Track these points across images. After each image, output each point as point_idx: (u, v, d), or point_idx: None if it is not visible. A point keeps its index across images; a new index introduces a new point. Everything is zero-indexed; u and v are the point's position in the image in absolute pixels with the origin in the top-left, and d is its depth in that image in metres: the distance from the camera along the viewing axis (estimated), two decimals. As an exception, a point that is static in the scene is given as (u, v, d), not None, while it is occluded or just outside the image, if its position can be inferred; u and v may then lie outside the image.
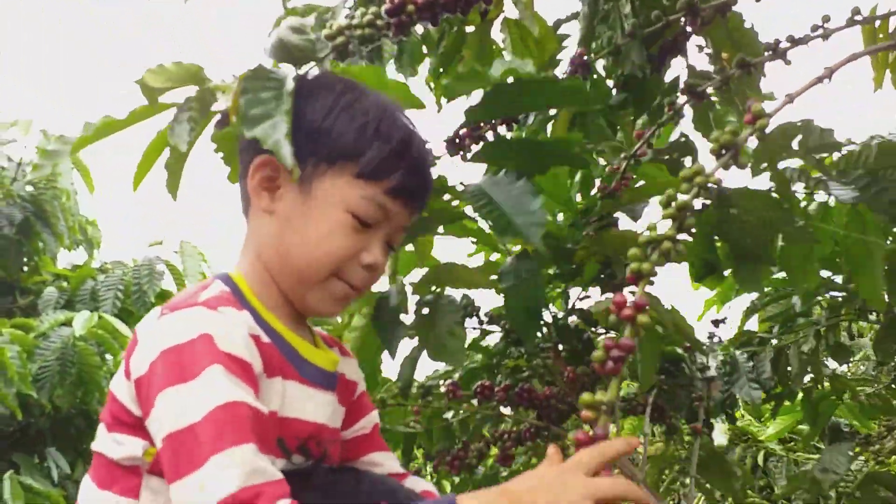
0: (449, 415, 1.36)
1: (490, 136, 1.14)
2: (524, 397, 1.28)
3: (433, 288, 1.13)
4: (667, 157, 1.16)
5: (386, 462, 0.87)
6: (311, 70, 0.86)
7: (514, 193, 0.87)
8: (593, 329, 1.32)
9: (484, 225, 1.08)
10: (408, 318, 1.10)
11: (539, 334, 1.27)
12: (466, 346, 1.36)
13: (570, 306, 1.34)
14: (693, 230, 0.71)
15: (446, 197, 1.00)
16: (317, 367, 0.75)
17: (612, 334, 0.68)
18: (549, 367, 1.31)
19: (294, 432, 0.71)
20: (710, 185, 0.72)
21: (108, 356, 2.14)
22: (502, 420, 1.34)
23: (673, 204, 0.72)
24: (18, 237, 2.30)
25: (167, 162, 0.91)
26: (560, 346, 1.29)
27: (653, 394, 1.36)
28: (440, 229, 1.09)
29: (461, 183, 0.97)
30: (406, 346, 1.20)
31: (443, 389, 1.33)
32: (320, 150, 0.73)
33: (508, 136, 1.16)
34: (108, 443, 0.68)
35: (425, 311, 1.09)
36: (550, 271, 1.23)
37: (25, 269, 2.60)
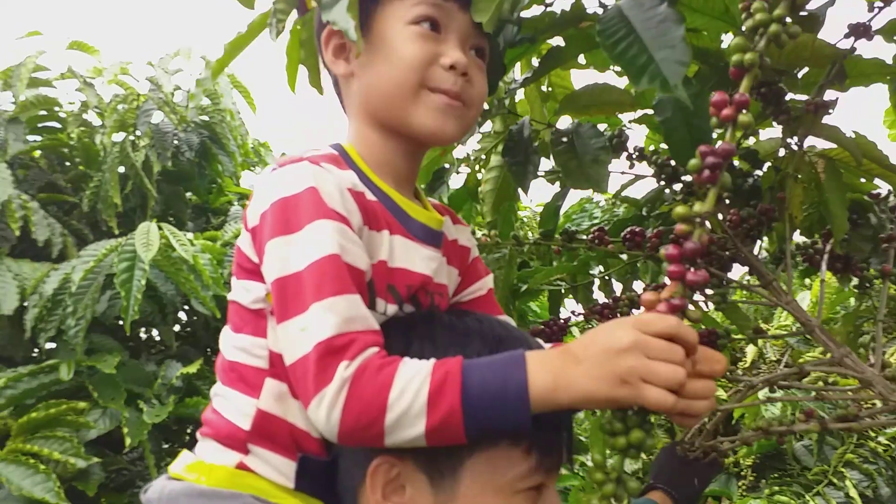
0: (595, 270, 1.30)
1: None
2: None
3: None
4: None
5: None
6: None
7: (655, 20, 0.73)
8: (759, 170, 1.18)
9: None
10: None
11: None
12: (613, 193, 1.28)
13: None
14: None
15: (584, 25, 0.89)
16: (421, 224, 0.77)
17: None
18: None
19: (403, 281, 0.73)
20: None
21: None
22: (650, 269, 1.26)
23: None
24: (199, 160, 2.53)
25: (303, 60, 0.95)
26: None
27: (830, 242, 1.21)
28: (580, 59, 0.98)
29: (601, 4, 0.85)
30: (548, 190, 1.15)
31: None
32: None
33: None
34: (239, 290, 0.74)
35: (564, 140, 1.01)
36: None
37: (211, 193, 2.87)
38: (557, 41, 0.95)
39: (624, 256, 1.25)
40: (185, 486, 0.66)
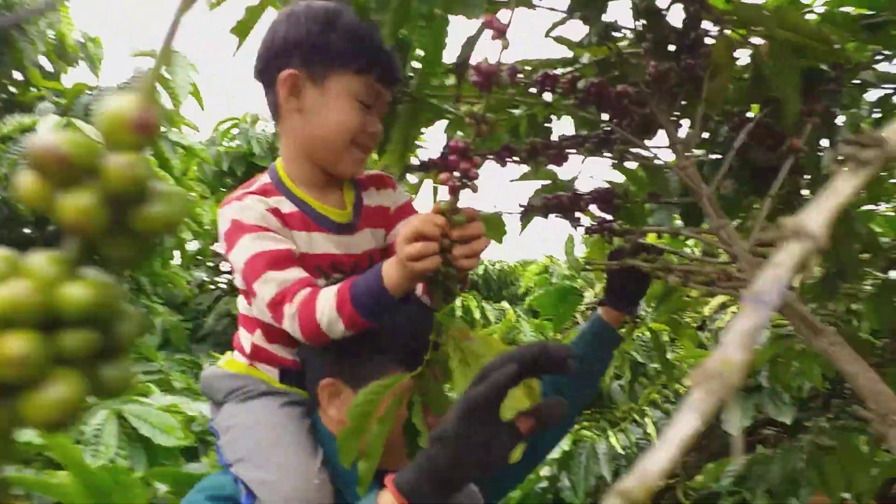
0: (517, 111, 1.23)
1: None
2: (591, 92, 1.03)
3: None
4: None
5: None
6: None
7: None
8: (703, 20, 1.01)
9: None
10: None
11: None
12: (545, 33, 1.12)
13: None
14: None
15: None
16: (332, 221, 1.09)
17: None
18: (635, 64, 1.06)
19: (325, 262, 1.07)
20: None
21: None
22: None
23: None
24: (-5, 45, 2.19)
25: None
26: (647, 37, 1.03)
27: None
28: None
29: None
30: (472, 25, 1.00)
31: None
32: (325, 58, 1.01)
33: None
34: (236, 278, 1.06)
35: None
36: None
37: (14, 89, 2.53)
38: None
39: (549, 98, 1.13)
40: (222, 371, 1.09)
